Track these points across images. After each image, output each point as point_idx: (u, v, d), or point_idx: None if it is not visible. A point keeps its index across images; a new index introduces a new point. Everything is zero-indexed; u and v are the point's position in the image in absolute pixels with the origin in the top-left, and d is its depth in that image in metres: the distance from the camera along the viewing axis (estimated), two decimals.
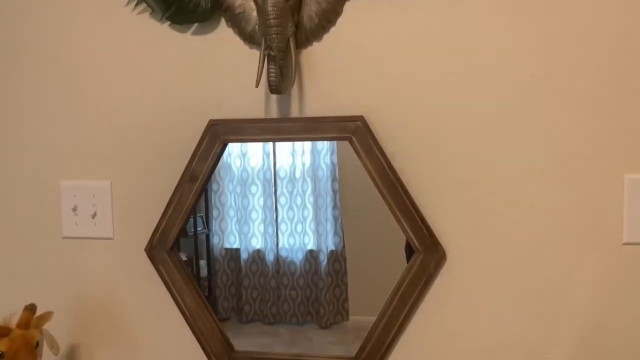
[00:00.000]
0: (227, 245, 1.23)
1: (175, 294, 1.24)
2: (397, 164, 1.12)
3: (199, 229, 1.25)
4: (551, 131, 1.07)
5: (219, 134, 1.18)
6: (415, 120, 1.13)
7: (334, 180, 1.18)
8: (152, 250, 1.24)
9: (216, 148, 1.19)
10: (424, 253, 1.12)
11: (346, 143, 1.12)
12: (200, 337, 1.24)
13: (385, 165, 1.12)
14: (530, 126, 1.08)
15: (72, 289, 1.32)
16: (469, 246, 1.12)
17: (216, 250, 1.24)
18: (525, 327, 1.10)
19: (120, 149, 1.27)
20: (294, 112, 1.17)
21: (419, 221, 1.11)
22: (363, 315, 1.16)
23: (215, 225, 1.23)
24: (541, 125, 1.07)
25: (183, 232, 1.23)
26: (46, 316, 1.14)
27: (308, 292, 1.19)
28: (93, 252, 1.30)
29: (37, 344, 1.10)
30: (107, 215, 1.29)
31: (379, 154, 1.11)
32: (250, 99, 1.18)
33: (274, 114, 1.18)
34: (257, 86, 1.09)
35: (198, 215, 1.24)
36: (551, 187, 1.08)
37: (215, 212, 1.23)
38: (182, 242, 1.23)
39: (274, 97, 1.17)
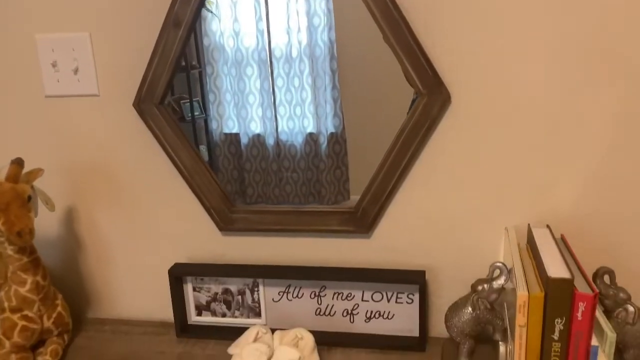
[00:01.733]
0: (226, 130, 1.19)
1: (169, 150, 1.20)
2: (400, 0, 1.02)
3: (196, 113, 1.20)
4: None
5: None
6: None
7: (332, 59, 1.11)
8: (140, 105, 1.18)
9: None
10: (428, 95, 1.06)
11: (344, 16, 1.03)
12: (199, 192, 1.22)
13: (388, 1, 1.01)
14: None
15: (62, 151, 1.28)
16: (475, 87, 1.05)
17: (215, 135, 1.20)
18: (532, 168, 1.07)
19: None
20: None
21: (423, 60, 1.04)
22: None
23: (212, 110, 1.18)
24: None
25: (171, 83, 1.16)
26: (36, 172, 1.11)
27: (309, 174, 1.18)
28: (79, 111, 1.25)
29: (30, 198, 1.07)
30: (90, 69, 1.21)
31: None
32: None
33: None
34: None
35: (194, 99, 1.19)
36: (562, 18, 0.98)
37: (211, 97, 1.18)
38: (181, 127, 1.19)
39: None
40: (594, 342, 0.84)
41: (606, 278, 0.97)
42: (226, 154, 1.22)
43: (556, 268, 0.86)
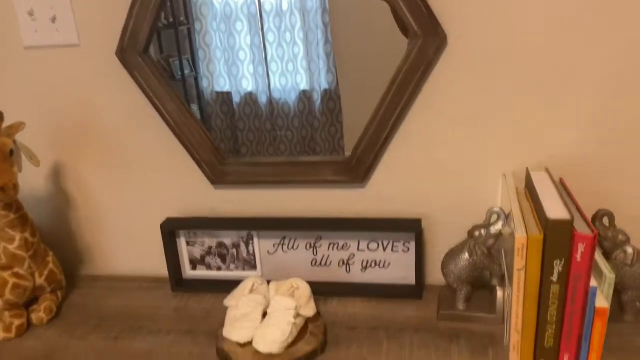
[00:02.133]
0: (218, 89, 1.15)
1: (156, 101, 1.16)
2: None
3: (186, 72, 1.15)
4: None
5: None
6: None
7: (324, 11, 1.06)
8: (123, 54, 1.13)
9: None
10: (423, 37, 1.01)
11: None
12: (189, 145, 1.18)
13: None
14: None
15: (44, 104, 1.23)
16: (472, 28, 1.01)
17: (207, 94, 1.16)
18: (530, 112, 1.04)
19: None
20: None
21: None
22: None
23: (202, 68, 1.14)
24: None
25: (154, 30, 1.11)
26: (17, 125, 1.07)
27: (303, 132, 1.15)
28: (60, 62, 1.19)
29: (12, 152, 1.04)
30: (69, 18, 1.15)
31: None
32: None
33: None
34: None
35: (184, 57, 1.14)
36: None
37: (201, 54, 1.13)
38: (167, 79, 1.15)
39: None
40: (593, 283, 0.83)
41: (605, 220, 0.96)
42: (218, 113, 1.18)
43: (555, 210, 0.84)
